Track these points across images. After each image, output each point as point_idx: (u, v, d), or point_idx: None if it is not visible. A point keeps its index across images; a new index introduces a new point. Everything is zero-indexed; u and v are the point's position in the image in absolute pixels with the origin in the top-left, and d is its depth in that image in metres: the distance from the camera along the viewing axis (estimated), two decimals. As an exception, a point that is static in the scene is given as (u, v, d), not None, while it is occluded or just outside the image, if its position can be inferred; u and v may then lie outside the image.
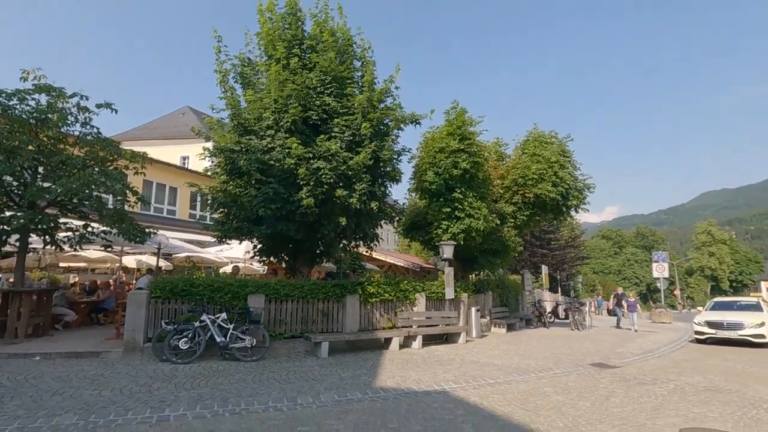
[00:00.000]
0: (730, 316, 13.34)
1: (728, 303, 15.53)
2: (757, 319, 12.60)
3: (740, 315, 13.26)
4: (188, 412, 5.31)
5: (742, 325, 12.54)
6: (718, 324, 13.09)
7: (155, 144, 31.11)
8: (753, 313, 13.38)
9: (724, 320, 13.05)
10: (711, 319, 13.42)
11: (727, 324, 12.87)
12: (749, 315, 13.17)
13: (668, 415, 5.59)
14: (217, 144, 9.99)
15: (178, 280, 9.07)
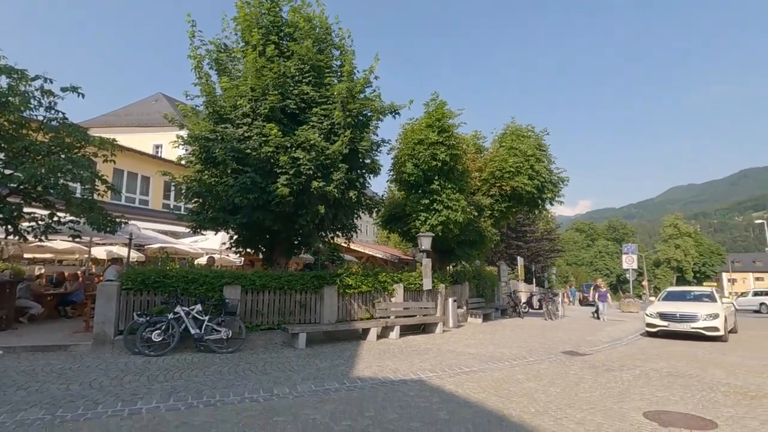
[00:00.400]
0: (684, 307, 12.37)
1: (682, 293, 14.67)
2: (710, 311, 11.74)
3: (694, 306, 12.41)
4: (161, 404, 5.21)
5: (696, 317, 11.66)
6: (670, 316, 12.13)
7: (126, 131, 30.01)
8: (707, 304, 12.56)
9: (677, 312, 12.05)
10: (664, 310, 12.44)
11: (680, 316, 11.93)
12: (703, 306, 12.32)
13: (633, 399, 5.84)
14: (191, 132, 9.72)
15: (150, 272, 8.85)
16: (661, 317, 12.34)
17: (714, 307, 12.23)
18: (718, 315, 11.61)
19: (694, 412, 5.26)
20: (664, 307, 12.89)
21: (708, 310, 11.81)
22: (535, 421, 4.87)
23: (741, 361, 8.80)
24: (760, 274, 79.31)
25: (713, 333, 11.44)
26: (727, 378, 7.23)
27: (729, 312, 12.90)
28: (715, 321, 11.49)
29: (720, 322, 11.47)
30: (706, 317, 11.60)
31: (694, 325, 11.60)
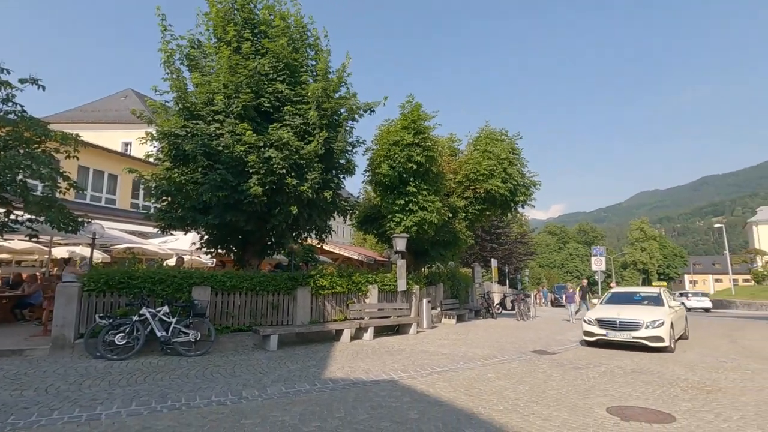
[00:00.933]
0: (626, 312, 10.52)
1: (627, 294, 12.62)
2: (654, 317, 9.99)
3: (637, 311, 10.55)
4: (122, 409, 5.02)
5: (638, 325, 9.94)
6: (610, 323, 10.31)
7: (93, 128, 28.84)
8: (652, 309, 10.71)
9: (617, 318, 10.27)
10: (603, 316, 10.56)
11: (620, 323, 10.17)
12: (647, 311, 10.51)
13: (598, 395, 6.01)
14: (160, 128, 9.43)
15: (114, 272, 8.51)
16: (599, 324, 10.44)
17: (659, 312, 10.32)
18: (662, 322, 9.80)
19: (654, 407, 5.46)
20: (603, 312, 10.86)
21: (652, 316, 10.02)
22: (503, 419, 4.94)
23: (699, 359, 9.20)
24: (719, 276, 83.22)
25: (657, 344, 9.69)
26: (686, 374, 7.54)
27: (678, 317, 11.25)
28: (659, 329, 9.73)
29: (665, 330, 9.73)
30: (649, 325, 9.82)
31: (636, 334, 9.84)
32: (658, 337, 9.74)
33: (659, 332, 9.75)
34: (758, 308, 31.98)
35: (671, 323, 10.12)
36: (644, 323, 9.94)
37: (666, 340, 9.73)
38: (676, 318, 10.99)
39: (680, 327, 11.58)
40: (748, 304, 34.02)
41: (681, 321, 11.76)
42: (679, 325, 11.26)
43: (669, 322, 9.97)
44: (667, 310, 10.61)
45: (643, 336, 9.82)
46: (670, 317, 10.21)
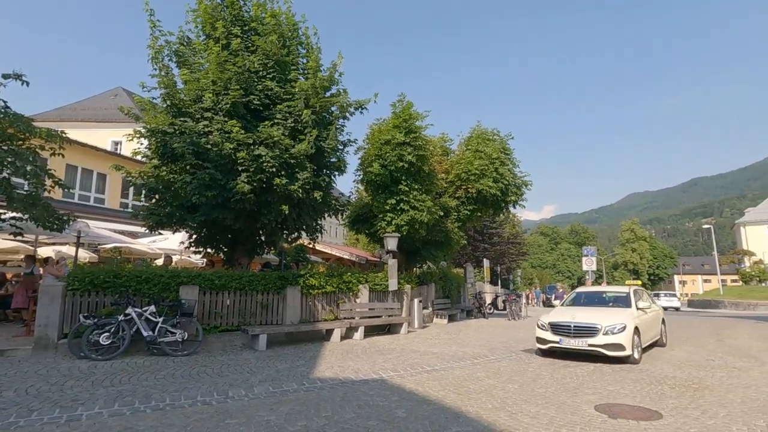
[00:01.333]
0: (583, 315, 8.95)
1: (593, 295, 10.96)
2: (615, 321, 8.37)
3: (597, 314, 8.98)
4: (104, 410, 4.91)
5: (595, 331, 8.31)
6: (564, 328, 8.67)
7: (83, 126, 28.46)
8: (616, 311, 9.16)
9: (572, 323, 8.62)
10: (557, 320, 8.94)
11: (575, 329, 8.52)
12: (610, 313, 8.94)
13: (586, 393, 6.01)
14: (147, 125, 9.30)
15: (100, 271, 8.37)
16: (552, 330, 8.82)
17: (622, 315, 8.71)
18: (624, 327, 8.22)
19: (641, 404, 5.47)
20: (559, 315, 9.24)
21: (612, 320, 8.40)
22: (491, 417, 4.91)
23: (687, 357, 9.26)
24: (708, 276, 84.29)
25: (616, 352, 8.09)
26: (673, 372, 7.58)
27: (648, 320, 9.58)
28: (619, 336, 8.13)
29: (625, 336, 8.14)
30: (608, 330, 8.22)
31: (593, 341, 8.23)
32: (618, 345, 8.07)
33: (619, 339, 8.09)
34: (746, 308, 32.42)
35: (635, 328, 8.48)
36: (602, 328, 8.26)
37: (627, 348, 8.06)
38: (646, 321, 9.34)
39: (652, 332, 9.89)
40: (736, 304, 34.48)
41: (654, 325, 10.04)
42: (650, 329, 9.63)
43: (632, 327, 8.33)
44: (633, 313, 8.99)
45: (600, 343, 8.15)
46: (634, 321, 8.57)
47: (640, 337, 8.69)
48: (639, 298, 10.08)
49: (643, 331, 9.00)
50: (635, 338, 8.41)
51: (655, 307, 10.74)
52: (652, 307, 10.27)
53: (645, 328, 9.16)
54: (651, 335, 9.81)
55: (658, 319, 10.61)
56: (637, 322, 8.74)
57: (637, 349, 8.53)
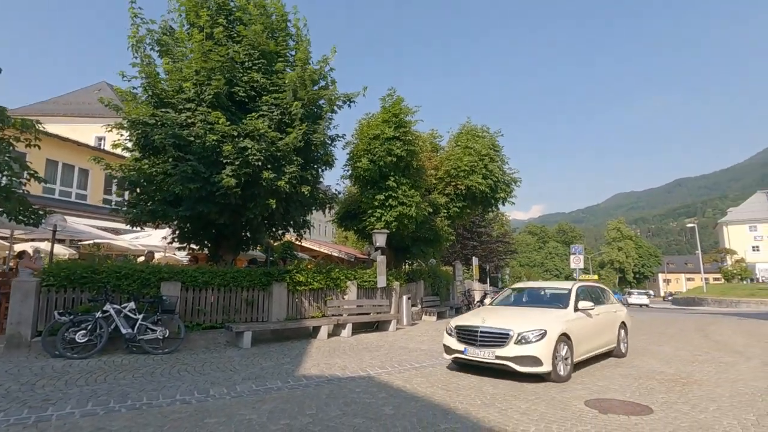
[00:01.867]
0: (499, 317, 7.02)
1: (534, 291, 8.71)
2: (534, 325, 6.49)
3: (519, 316, 7.07)
4: (76, 410, 4.67)
5: (505, 338, 6.41)
6: (469, 334, 6.77)
7: (65, 121, 27.72)
8: (546, 313, 7.17)
9: (479, 327, 6.71)
10: (464, 323, 7.04)
11: (482, 335, 6.62)
12: (535, 316, 6.96)
13: (576, 389, 5.93)
14: (127, 116, 8.98)
15: (76, 266, 8.05)
16: (458, 336, 6.92)
17: (547, 319, 6.79)
18: (542, 335, 6.32)
19: (631, 399, 5.41)
20: (470, 317, 7.36)
21: (530, 325, 6.49)
22: (480, 413, 4.80)
23: (674, 352, 9.29)
24: (691, 275, 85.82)
25: (529, 368, 6.20)
26: (662, 367, 7.57)
27: (591, 326, 7.53)
28: (533, 347, 6.24)
29: (542, 347, 6.22)
30: (521, 339, 6.32)
31: (501, 352, 6.35)
32: (531, 358, 6.19)
33: (533, 350, 6.21)
34: (728, 305, 33.03)
35: (563, 335, 6.55)
36: (514, 336, 6.33)
37: (544, 362, 6.17)
38: (586, 327, 7.31)
39: (599, 340, 7.79)
40: (719, 301, 35.12)
41: (602, 331, 7.90)
42: (593, 337, 7.55)
43: (556, 335, 6.41)
44: (566, 315, 7.07)
45: (509, 355, 6.25)
46: (563, 326, 6.65)
47: (571, 348, 6.69)
48: (585, 296, 7.84)
49: (580, 339, 6.96)
50: (561, 349, 6.47)
51: (610, 308, 8.59)
52: (602, 309, 8.14)
53: (583, 335, 7.13)
54: (596, 344, 7.62)
55: (612, 323, 8.38)
56: (569, 328, 6.76)
57: (564, 364, 6.49)
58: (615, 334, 8.45)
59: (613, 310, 8.73)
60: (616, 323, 8.57)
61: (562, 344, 6.57)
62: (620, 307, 9.33)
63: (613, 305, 9.00)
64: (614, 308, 8.90)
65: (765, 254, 63.74)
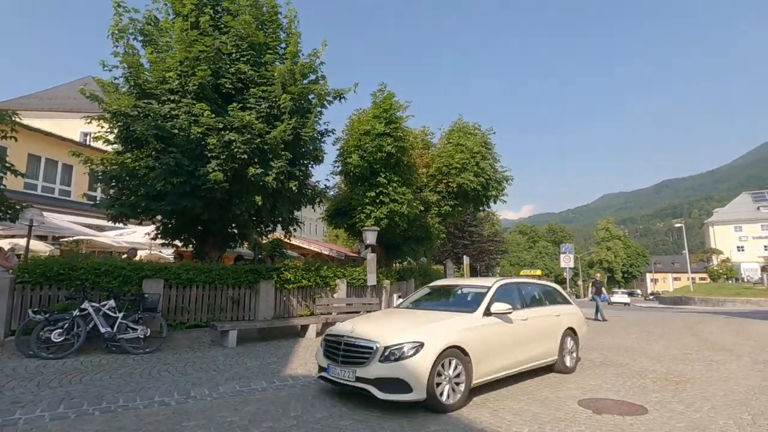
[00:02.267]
0: (373, 323, 5.57)
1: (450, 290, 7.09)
2: (410, 337, 4.86)
3: (400, 323, 5.48)
4: (47, 413, 4.42)
5: (368, 354, 4.84)
6: (334, 347, 5.24)
7: (50, 116, 27.06)
8: (444, 318, 5.54)
9: (344, 337, 5.19)
10: (333, 332, 5.48)
11: (344, 348, 5.09)
12: (421, 324, 5.33)
13: (569, 388, 5.81)
14: (108, 107, 8.66)
15: (53, 262, 7.73)
16: (325, 349, 5.40)
17: (435, 327, 5.18)
18: (417, 349, 4.73)
19: (625, 398, 5.30)
20: (344, 326, 5.56)
21: (403, 337, 4.88)
22: (471, 414, 4.64)
23: (665, 351, 9.25)
24: (678, 274, 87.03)
25: (393, 395, 4.62)
26: (653, 366, 7.50)
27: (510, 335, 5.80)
28: (400, 366, 4.65)
29: (413, 367, 4.63)
30: (388, 356, 4.72)
31: (362, 372, 4.79)
32: (396, 381, 4.58)
33: (398, 370, 4.59)
34: (715, 304, 33.43)
35: (450, 348, 4.87)
36: (379, 349, 4.72)
37: (414, 386, 4.56)
38: (501, 337, 5.62)
39: (526, 352, 6.01)
40: (706, 300, 35.55)
41: (535, 341, 6.21)
42: (518, 349, 5.85)
43: (439, 348, 4.76)
44: (469, 322, 5.41)
45: (369, 377, 4.67)
46: (452, 337, 4.97)
47: (468, 365, 4.97)
48: (505, 297, 6.09)
49: (486, 352, 5.27)
50: (448, 367, 4.81)
51: (549, 310, 6.84)
52: (534, 312, 6.41)
53: (493, 347, 5.42)
54: (519, 358, 5.86)
55: (551, 330, 6.62)
56: (465, 339, 5.05)
57: (453, 387, 4.83)
58: (556, 344, 6.63)
59: (553, 314, 6.85)
60: (557, 330, 6.75)
61: (451, 361, 4.85)
62: (569, 310, 7.38)
63: (557, 307, 7.11)
64: (557, 310, 6.99)
65: (750, 254, 64.89)
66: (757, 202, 72.09)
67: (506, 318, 5.82)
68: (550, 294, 7.47)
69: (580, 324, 7.54)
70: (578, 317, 7.57)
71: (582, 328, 7.58)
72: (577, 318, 7.52)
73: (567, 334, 6.99)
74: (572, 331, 7.19)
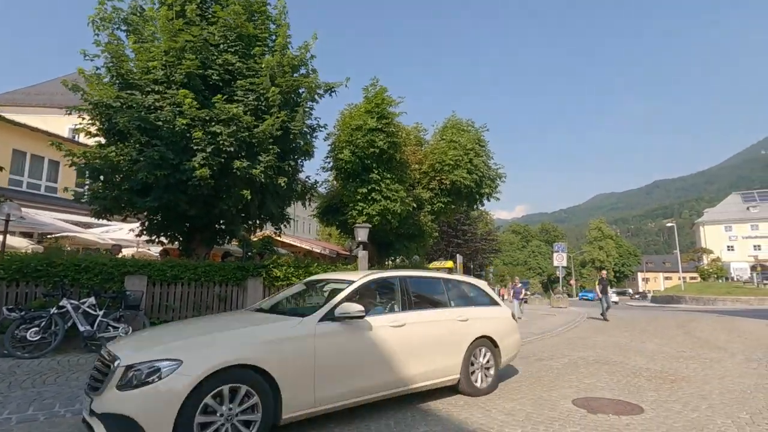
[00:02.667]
0: (157, 334, 4.10)
1: (316, 284, 5.62)
2: (171, 353, 3.27)
3: (195, 330, 4.05)
4: (14, 415, 4.18)
5: (106, 377, 3.26)
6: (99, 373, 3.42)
7: (37, 112, 26.47)
8: (263, 322, 4.16)
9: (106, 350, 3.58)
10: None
11: (94, 369, 3.51)
12: (219, 330, 3.83)
13: (562, 387, 5.66)
14: (89, 97, 8.36)
15: (30, 258, 7.45)
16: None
17: (206, 341, 3.59)
18: (172, 368, 3.16)
19: (620, 397, 5.15)
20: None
21: (157, 352, 3.32)
22: (462, 415, 4.46)
23: (658, 349, 9.16)
24: (669, 274, 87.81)
25: None
26: (647, 364, 7.38)
27: (368, 348, 4.31)
28: (133, 396, 3.07)
29: (157, 399, 3.05)
30: (130, 380, 3.14)
31: (97, 403, 3.18)
32: (121, 419, 3.03)
33: (129, 405, 3.07)
34: (705, 303, 33.66)
35: (231, 367, 3.36)
36: (118, 371, 3.21)
37: (147, 427, 2.98)
38: (348, 351, 4.17)
39: (402, 371, 4.49)
40: (697, 299, 35.79)
41: (419, 356, 4.66)
42: (383, 368, 4.37)
43: (203, 371, 3.22)
44: (291, 331, 3.89)
45: (97, 409, 3.17)
46: (238, 352, 3.48)
47: (269, 398, 3.50)
48: (383, 296, 5.08)
49: (311, 375, 3.80)
50: (229, 401, 3.33)
51: (450, 313, 5.20)
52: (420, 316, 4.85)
53: (332, 368, 3.95)
54: (381, 380, 4.30)
55: (448, 343, 4.99)
56: (273, 355, 3.62)
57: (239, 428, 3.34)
58: (458, 358, 5.00)
59: (457, 318, 5.15)
60: (462, 340, 5.10)
61: (236, 390, 3.35)
62: (488, 313, 5.69)
63: (468, 309, 5.44)
64: (465, 314, 5.29)
65: (739, 254, 65.58)
66: (746, 202, 72.89)
67: (361, 324, 4.23)
68: (461, 292, 5.76)
69: (505, 332, 5.76)
70: (502, 323, 5.80)
71: (509, 337, 5.80)
72: (500, 324, 5.75)
73: (479, 344, 5.31)
74: (489, 341, 5.46)
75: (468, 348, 5.17)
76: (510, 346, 5.86)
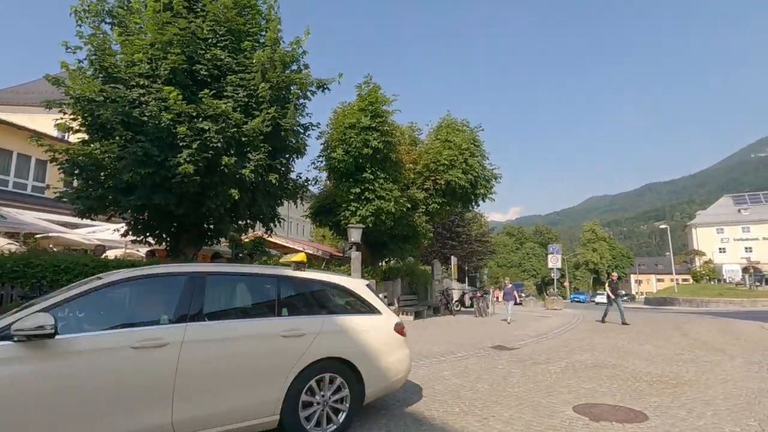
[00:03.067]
0: None
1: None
2: None
3: None
4: None
5: None
6: None
7: (26, 111, 25.94)
8: None
9: None
10: None
11: None
12: None
13: (561, 393, 5.44)
14: (71, 91, 8.05)
15: (5, 259, 7.12)
16: None
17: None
18: None
19: (622, 404, 4.94)
20: None
21: None
22: (459, 423, 4.23)
23: (656, 351, 8.99)
24: (661, 276, 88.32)
25: None
26: (647, 367, 7.19)
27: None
28: None
29: None
30: None
31: None
32: None
33: None
34: (699, 305, 33.76)
35: None
36: None
37: None
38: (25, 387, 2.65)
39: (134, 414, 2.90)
40: (690, 301, 35.90)
41: (185, 390, 3.08)
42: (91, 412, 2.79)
43: None
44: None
45: None
46: None
47: None
48: (149, 303, 3.53)
49: None
50: None
51: (271, 326, 3.69)
52: (211, 332, 3.37)
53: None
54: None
55: (253, 372, 3.43)
56: None
57: None
58: (276, 392, 3.47)
59: (283, 332, 3.64)
60: (287, 363, 3.57)
61: None
62: (350, 324, 4.12)
63: (302, 320, 3.86)
64: (301, 325, 3.76)
65: (731, 256, 66.08)
66: (738, 204, 73.58)
67: (61, 346, 2.82)
68: (306, 297, 4.09)
69: (377, 350, 4.14)
70: (372, 338, 4.17)
71: (383, 357, 4.16)
72: (369, 340, 4.14)
73: (323, 370, 3.76)
74: (344, 364, 3.89)
75: (298, 376, 3.58)
76: (385, 369, 4.15)
